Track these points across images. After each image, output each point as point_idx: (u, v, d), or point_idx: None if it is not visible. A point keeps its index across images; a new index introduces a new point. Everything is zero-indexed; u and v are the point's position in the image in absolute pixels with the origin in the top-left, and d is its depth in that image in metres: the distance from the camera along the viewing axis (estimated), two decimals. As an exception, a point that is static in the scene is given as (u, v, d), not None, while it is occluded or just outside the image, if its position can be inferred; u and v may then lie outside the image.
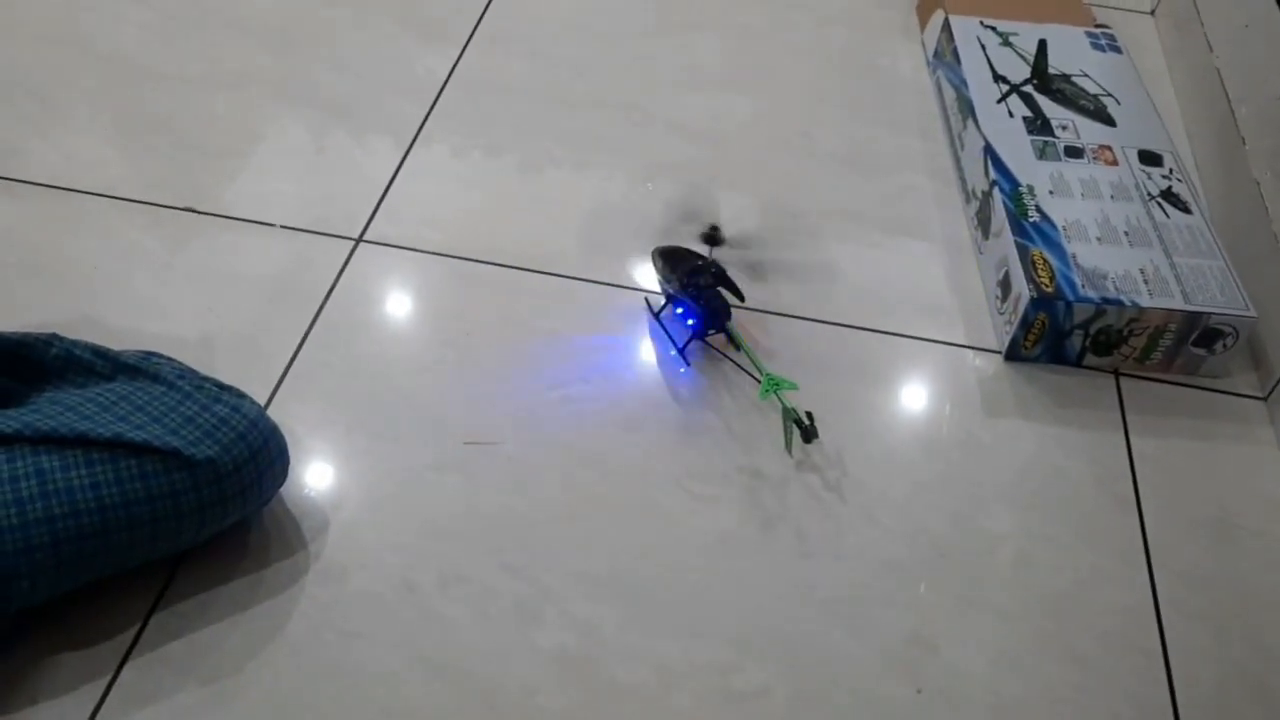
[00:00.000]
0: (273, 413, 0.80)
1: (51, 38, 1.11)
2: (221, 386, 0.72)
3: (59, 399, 0.69)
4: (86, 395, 0.69)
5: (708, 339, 0.88)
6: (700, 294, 0.86)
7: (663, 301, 0.90)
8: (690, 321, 0.87)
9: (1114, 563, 0.78)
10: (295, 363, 0.85)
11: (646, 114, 1.09)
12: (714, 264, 0.88)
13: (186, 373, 0.72)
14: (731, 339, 0.86)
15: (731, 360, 0.88)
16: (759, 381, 0.83)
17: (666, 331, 0.89)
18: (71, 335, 0.73)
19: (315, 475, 0.78)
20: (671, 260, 0.90)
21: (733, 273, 0.89)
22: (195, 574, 0.72)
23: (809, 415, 0.82)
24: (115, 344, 0.74)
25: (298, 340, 0.86)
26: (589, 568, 0.75)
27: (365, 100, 1.08)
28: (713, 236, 0.94)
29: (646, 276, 0.94)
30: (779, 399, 0.83)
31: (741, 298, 0.89)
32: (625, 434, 0.83)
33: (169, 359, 0.74)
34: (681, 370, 0.87)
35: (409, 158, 1.02)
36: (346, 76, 1.10)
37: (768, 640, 0.72)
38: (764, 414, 0.85)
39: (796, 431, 0.81)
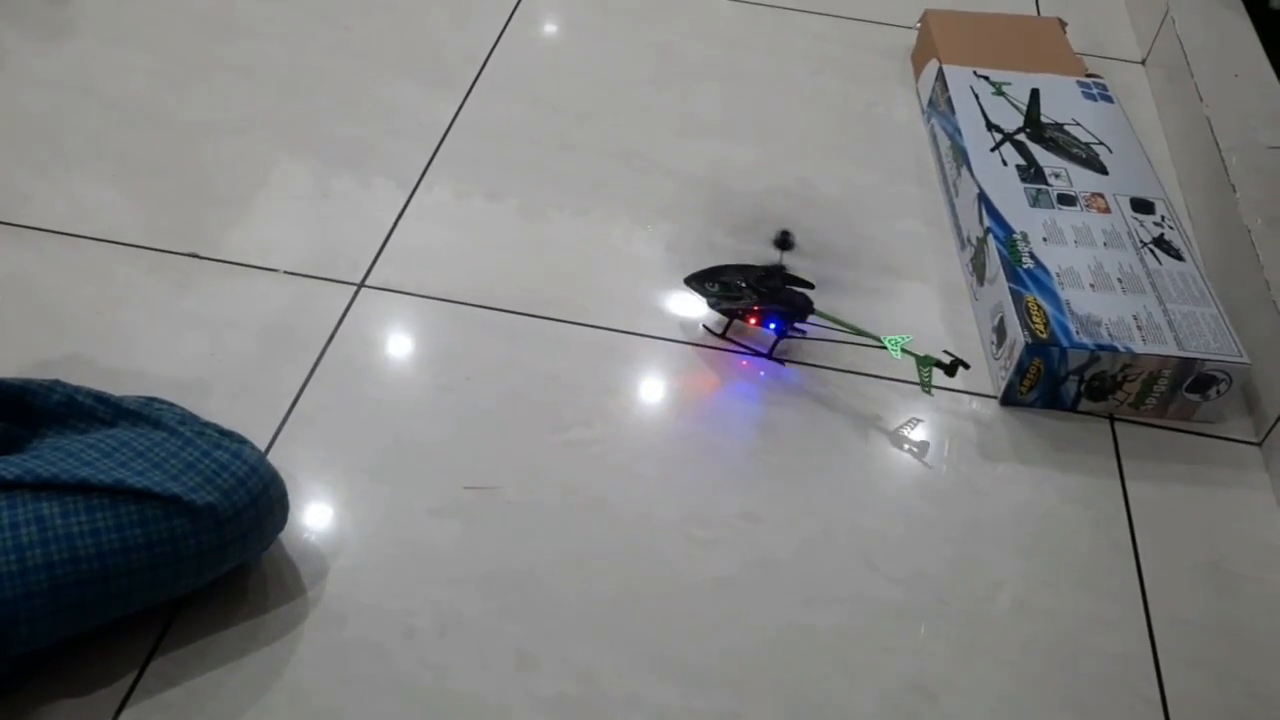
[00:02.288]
0: (273, 457, 0.81)
1: (58, 84, 1.13)
2: (223, 432, 0.72)
3: (61, 445, 0.69)
4: (88, 441, 0.69)
5: (791, 334, 0.93)
6: (780, 293, 0.91)
7: (725, 320, 0.94)
8: (772, 325, 0.92)
9: (1112, 609, 0.78)
10: (296, 407, 0.85)
11: (647, 160, 1.11)
12: (776, 266, 0.94)
13: (188, 418, 0.73)
14: (829, 320, 0.91)
15: (834, 341, 0.93)
16: (881, 347, 0.89)
17: (744, 345, 0.93)
18: (74, 379, 0.74)
19: (315, 520, 0.78)
20: (722, 277, 0.93)
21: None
22: (194, 620, 0.72)
23: (946, 353, 0.89)
24: (117, 388, 0.75)
25: (299, 385, 0.87)
26: (589, 613, 0.75)
27: (369, 146, 1.09)
28: (784, 241, 1.00)
29: (647, 321, 0.95)
30: (909, 351, 0.89)
31: (812, 286, 0.95)
32: (625, 478, 0.83)
33: (170, 404, 0.74)
34: (783, 361, 0.92)
35: (411, 203, 1.04)
36: (351, 123, 1.12)
37: (767, 686, 0.72)
38: (761, 458, 0.85)
39: (937, 371, 0.89)
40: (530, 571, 0.77)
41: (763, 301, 0.91)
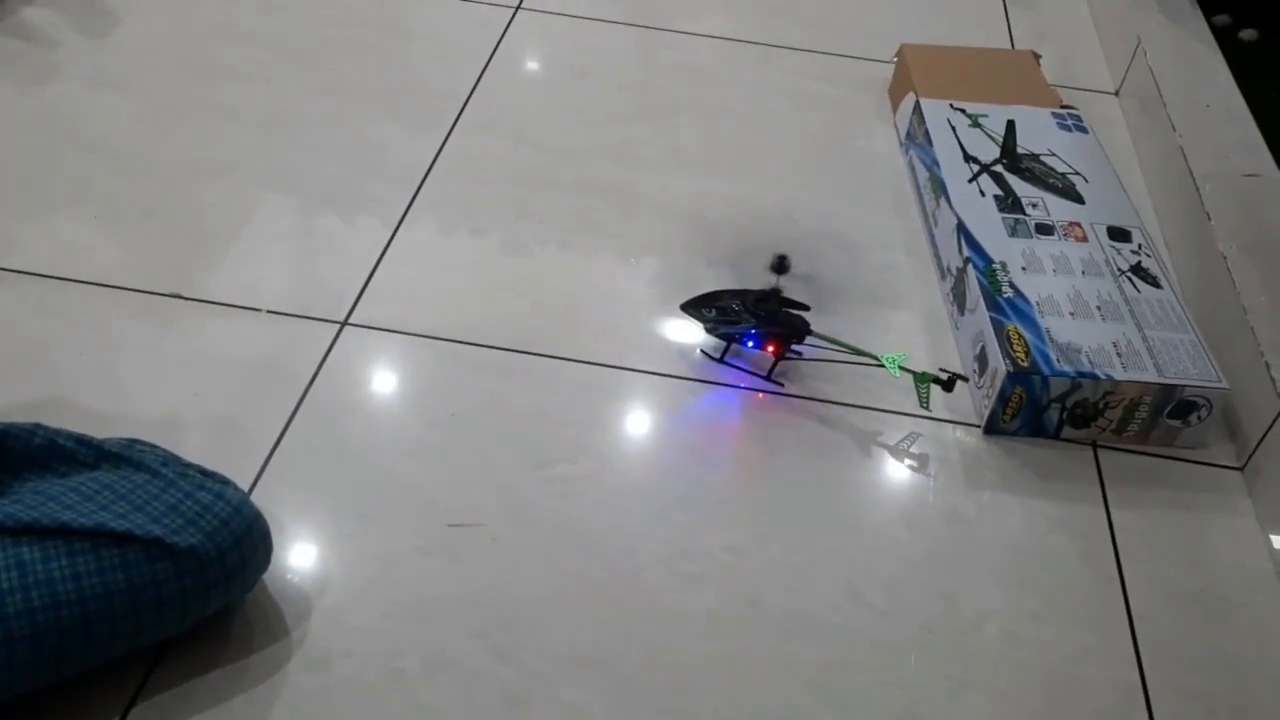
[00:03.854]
0: (257, 497, 0.80)
1: (41, 128, 1.13)
2: (205, 473, 0.72)
3: (41, 489, 0.68)
4: (69, 484, 0.68)
5: (788, 355, 0.94)
6: (776, 316, 0.92)
7: (722, 345, 0.95)
8: (770, 347, 0.93)
9: (1100, 638, 0.78)
10: (279, 447, 0.85)
11: (630, 196, 1.11)
12: (772, 289, 0.95)
13: (170, 459, 0.72)
14: (827, 341, 0.92)
15: (832, 361, 0.94)
16: (879, 365, 0.91)
17: (742, 368, 0.94)
18: (57, 422, 0.74)
19: (299, 560, 0.78)
20: (718, 302, 0.94)
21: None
22: (177, 664, 0.71)
23: (942, 370, 0.91)
24: (100, 430, 0.74)
25: (282, 424, 0.86)
26: (575, 651, 0.74)
27: (352, 185, 1.10)
28: (780, 265, 1.00)
29: (632, 355, 0.95)
30: (907, 369, 0.90)
31: (808, 308, 0.96)
32: (610, 514, 0.83)
33: (153, 446, 0.74)
34: (781, 386, 0.93)
35: (395, 241, 1.04)
36: (334, 162, 1.12)
37: (756, 722, 0.71)
38: (746, 492, 0.85)
39: (934, 388, 0.91)
40: (517, 610, 0.76)
41: (761, 324, 0.92)
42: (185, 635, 0.71)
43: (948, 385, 0.91)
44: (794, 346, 0.93)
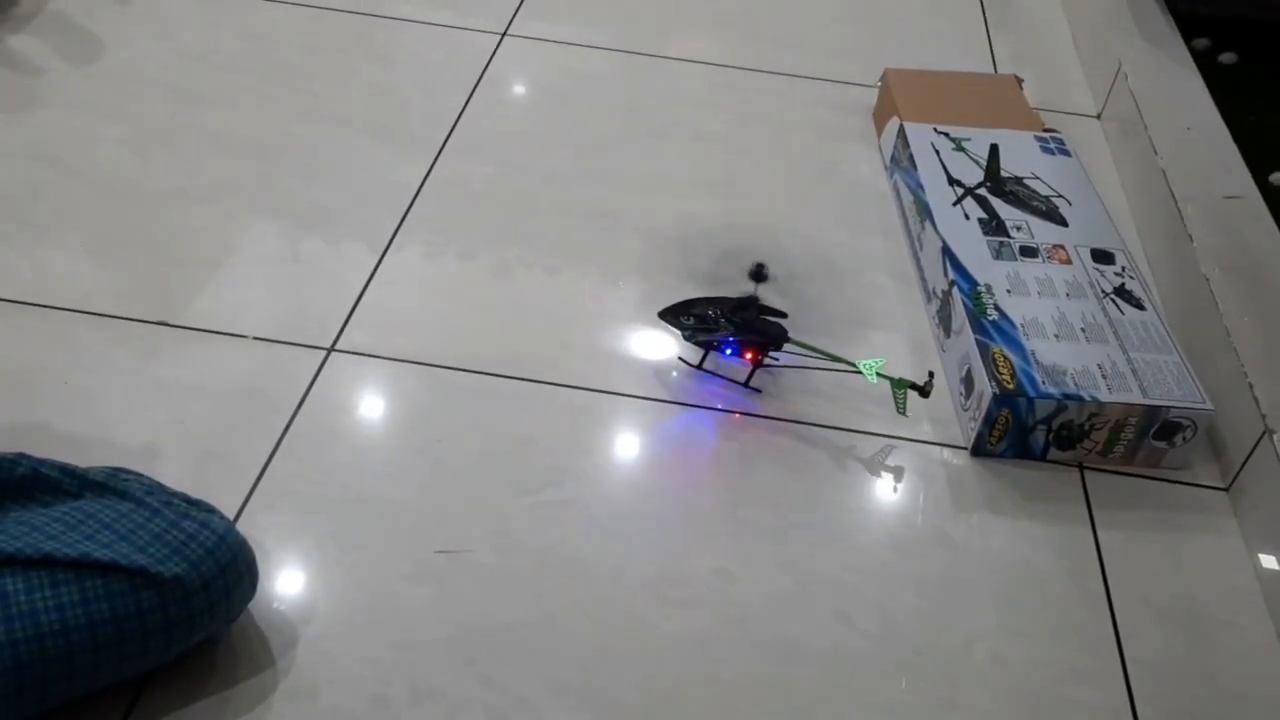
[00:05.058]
0: (242, 525, 0.80)
1: (26, 155, 1.13)
2: (190, 501, 0.71)
3: (25, 519, 0.68)
4: (53, 514, 0.68)
5: (765, 363, 0.94)
6: (754, 323, 0.92)
7: (701, 352, 0.95)
8: (747, 355, 0.93)
9: (1088, 659, 0.78)
10: (265, 474, 0.84)
11: (616, 219, 1.12)
12: (750, 297, 0.96)
13: (155, 488, 0.72)
14: (802, 347, 0.93)
15: (805, 369, 0.95)
16: (857, 372, 0.92)
17: (722, 376, 0.95)
18: (41, 450, 0.73)
19: (284, 588, 0.77)
20: (695, 309, 0.94)
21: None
22: (161, 694, 0.70)
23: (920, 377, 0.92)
24: (85, 458, 0.74)
25: (268, 451, 0.86)
26: (563, 677, 0.74)
27: (339, 211, 1.10)
28: (759, 273, 1.01)
29: (618, 379, 0.95)
30: (884, 375, 0.91)
31: (785, 315, 0.96)
32: (598, 539, 0.83)
33: (137, 474, 0.74)
34: (759, 390, 0.94)
35: (381, 266, 1.04)
36: (321, 188, 1.12)
37: (745, 748, 0.71)
38: (733, 514, 0.85)
39: (910, 394, 0.91)
40: (504, 635, 0.76)
41: (738, 332, 0.92)
42: (170, 665, 0.70)
43: (923, 390, 0.92)
44: (772, 353, 0.94)
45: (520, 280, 1.04)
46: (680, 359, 0.96)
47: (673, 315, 0.96)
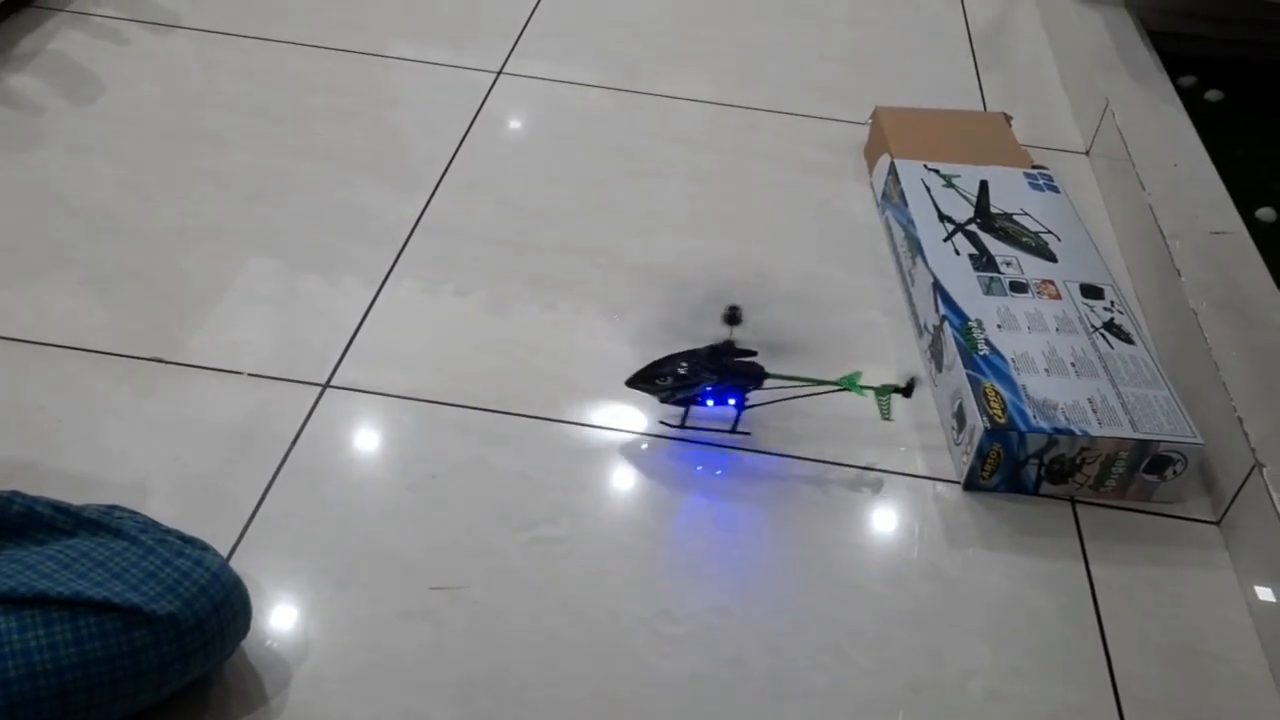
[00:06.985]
0: (236, 562, 0.80)
1: (23, 194, 1.14)
2: (184, 539, 0.71)
3: (18, 557, 0.68)
4: (47, 553, 0.68)
5: (748, 404, 0.95)
6: (734, 366, 0.93)
7: (680, 410, 0.94)
8: (731, 401, 0.93)
9: (1083, 695, 0.78)
10: (260, 511, 0.85)
11: (611, 257, 1.13)
12: (725, 342, 0.96)
13: (149, 526, 0.72)
14: (785, 379, 0.93)
15: (789, 399, 0.96)
16: (842, 391, 0.94)
17: (705, 428, 0.95)
18: (35, 487, 0.73)
19: (279, 626, 0.77)
20: (665, 369, 0.93)
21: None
22: (153, 734, 0.70)
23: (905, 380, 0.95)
24: (80, 496, 0.74)
25: (262, 489, 0.86)
26: (558, 715, 0.74)
27: (335, 247, 1.10)
28: (733, 316, 1.02)
29: (614, 415, 0.95)
30: (868, 386, 0.94)
31: (755, 353, 0.96)
32: (594, 576, 0.83)
33: (132, 512, 0.74)
34: (747, 434, 0.94)
35: (377, 302, 1.05)
36: (317, 225, 1.13)
37: (740, 786, 0.71)
38: (729, 552, 0.85)
39: (895, 399, 0.94)
40: (500, 674, 0.76)
41: (721, 378, 0.92)
42: (163, 704, 0.70)
43: (906, 391, 0.94)
44: (752, 391, 0.94)
45: (516, 316, 1.05)
46: (662, 423, 0.95)
47: (645, 381, 0.93)
